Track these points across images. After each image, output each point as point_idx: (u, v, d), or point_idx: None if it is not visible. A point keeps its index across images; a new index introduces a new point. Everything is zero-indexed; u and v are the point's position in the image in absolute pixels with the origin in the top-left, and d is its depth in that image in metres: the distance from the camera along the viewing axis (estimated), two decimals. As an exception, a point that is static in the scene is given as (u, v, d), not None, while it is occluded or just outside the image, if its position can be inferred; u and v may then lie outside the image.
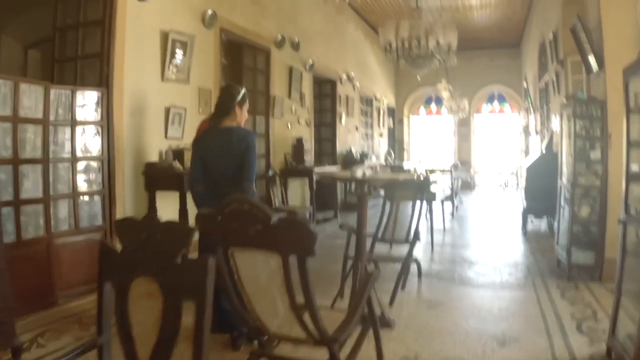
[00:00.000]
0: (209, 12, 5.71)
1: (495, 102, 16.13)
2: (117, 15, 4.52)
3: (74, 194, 4.34)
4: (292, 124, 8.31)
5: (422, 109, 16.92)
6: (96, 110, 4.46)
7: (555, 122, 6.84)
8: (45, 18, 5.00)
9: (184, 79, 5.39)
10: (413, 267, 4.95)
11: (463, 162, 14.52)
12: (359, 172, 3.43)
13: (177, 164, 5.00)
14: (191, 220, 5.03)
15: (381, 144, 14.44)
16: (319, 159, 10.56)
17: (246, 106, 3.38)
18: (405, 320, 3.79)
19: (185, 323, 1.58)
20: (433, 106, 16.52)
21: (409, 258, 4.35)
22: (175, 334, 1.59)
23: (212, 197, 3.15)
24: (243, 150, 3.19)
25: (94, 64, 4.59)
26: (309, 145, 8.63)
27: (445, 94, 11.53)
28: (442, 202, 8.62)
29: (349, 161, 10.98)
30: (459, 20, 11.49)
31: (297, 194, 8.42)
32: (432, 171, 9.50)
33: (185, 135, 5.39)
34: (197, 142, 3.42)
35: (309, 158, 8.53)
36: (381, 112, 14.32)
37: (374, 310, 2.53)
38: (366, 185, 3.50)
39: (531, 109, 10.91)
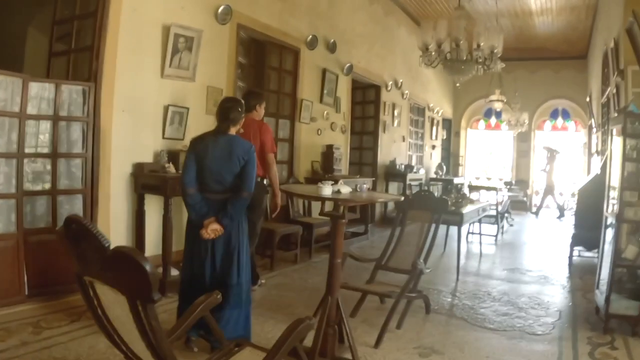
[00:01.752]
0: (222, 6, 5.36)
1: (559, 119, 14.77)
2: (111, 7, 4.27)
3: (54, 191, 4.13)
4: (324, 130, 7.83)
5: (481, 122, 15.85)
6: (82, 106, 4.24)
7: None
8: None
9: (189, 76, 5.08)
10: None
11: (520, 181, 13.39)
12: (326, 190, 2.89)
13: (170, 167, 4.70)
14: (177, 228, 4.74)
15: (433, 157, 13.63)
16: (359, 169, 10.03)
17: (241, 124, 3.51)
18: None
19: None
20: (493, 120, 15.41)
21: (401, 293, 3.74)
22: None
23: (204, 203, 3.22)
24: (245, 164, 3.22)
25: (87, 59, 4.37)
26: (342, 154, 8.11)
27: (498, 106, 10.59)
28: (476, 224, 7.79)
29: (391, 173, 10.34)
30: (518, 26, 10.60)
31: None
32: (475, 188, 8.65)
33: (187, 136, 5.05)
34: (194, 144, 3.33)
35: (341, 167, 8.01)
36: (435, 122, 13.51)
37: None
38: (339, 205, 2.97)
39: (594, 126, 9.78)
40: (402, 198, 3.24)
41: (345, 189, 3.03)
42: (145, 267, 1.43)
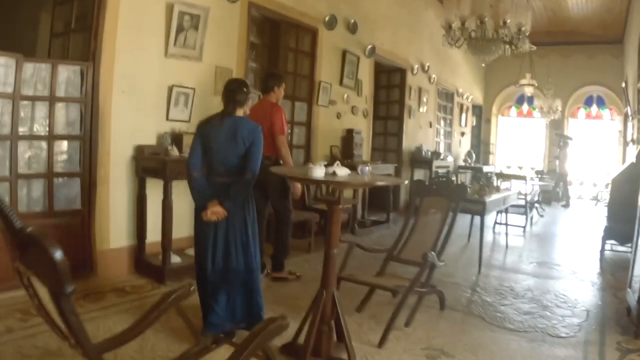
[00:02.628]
0: (231, -17, 5.11)
1: (594, 106, 13.96)
2: (110, -17, 4.07)
3: (50, 174, 4.00)
4: (344, 113, 7.52)
5: (513, 109, 15.18)
6: (80, 87, 4.08)
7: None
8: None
9: (195, 56, 4.86)
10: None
11: (553, 171, 12.73)
12: (318, 171, 2.60)
13: (173, 149, 4.50)
14: (179, 213, 4.56)
15: (462, 144, 13.11)
16: (383, 156, 9.68)
17: (249, 105, 3.41)
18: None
19: None
20: (525, 107, 14.71)
21: (409, 288, 3.44)
22: None
23: (209, 186, 3.17)
24: (250, 145, 3.14)
25: (87, 38, 4.19)
26: (362, 138, 7.79)
27: (529, 90, 10.02)
28: (503, 214, 7.35)
29: (417, 160, 9.95)
30: (551, 8, 9.96)
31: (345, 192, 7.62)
32: (503, 176, 8.18)
33: (193, 118, 4.86)
34: (200, 127, 3.28)
35: (361, 152, 7.70)
36: (464, 109, 12.97)
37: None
38: (332, 189, 2.70)
39: (629, 113, 9.14)
40: (406, 182, 2.94)
41: (342, 171, 2.75)
42: (52, 254, 1.21)
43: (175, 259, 4.40)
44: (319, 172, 2.58)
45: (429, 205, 4.19)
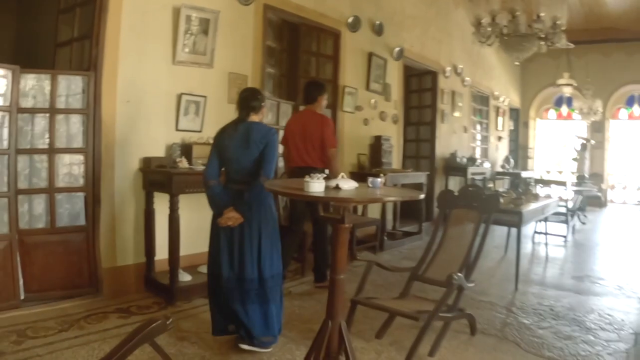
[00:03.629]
0: (242, -15, 4.86)
1: (636, 106, 13.04)
2: (111, -11, 3.88)
3: (51, 189, 3.83)
4: (372, 119, 7.16)
5: (551, 111, 14.41)
6: (82, 98, 3.90)
7: None
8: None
9: (206, 62, 4.63)
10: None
11: (594, 175, 11.95)
12: (315, 186, 2.26)
13: (182, 161, 4.27)
14: (189, 229, 4.33)
15: (499, 149, 12.50)
16: (416, 163, 9.27)
17: (263, 113, 3.37)
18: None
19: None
20: (564, 109, 13.91)
21: (433, 315, 3.06)
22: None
23: (225, 194, 3.16)
24: (263, 147, 3.09)
25: (88, 47, 4.02)
26: (392, 145, 7.40)
27: (567, 91, 9.40)
28: (542, 223, 6.82)
29: (451, 166, 9.46)
30: (587, 3, 9.31)
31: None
32: (542, 182, 7.64)
33: (206, 128, 4.64)
34: (216, 136, 3.28)
35: (391, 160, 7.31)
36: (500, 112, 12.37)
37: None
38: (330, 206, 2.37)
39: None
40: (422, 196, 2.57)
41: (347, 184, 2.41)
42: None
43: (185, 277, 4.16)
44: (316, 186, 2.25)
45: (457, 218, 3.79)
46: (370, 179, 2.70)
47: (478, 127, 11.31)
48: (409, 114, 9.38)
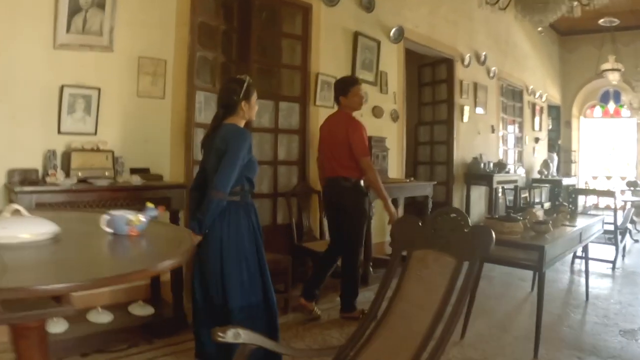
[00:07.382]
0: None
1: None
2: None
3: None
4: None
5: (597, 109, 12.58)
6: None
7: None
8: None
9: (103, 44, 3.51)
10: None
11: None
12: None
13: (56, 174, 3.15)
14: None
15: (536, 152, 10.85)
16: (430, 170, 7.90)
17: (254, 98, 2.86)
18: None
19: None
20: (611, 106, 12.04)
21: None
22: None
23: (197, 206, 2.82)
24: (222, 153, 2.66)
25: None
26: (387, 148, 6.02)
27: (613, 78, 7.79)
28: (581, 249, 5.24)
29: (474, 174, 7.98)
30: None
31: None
32: (581, 192, 6.11)
33: (102, 129, 3.54)
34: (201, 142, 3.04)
35: (386, 167, 5.94)
36: (537, 110, 10.72)
37: None
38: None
39: None
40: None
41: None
42: None
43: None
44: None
45: (419, 265, 2.35)
46: (111, 215, 1.49)
47: (509, 126, 9.75)
48: (421, 111, 8.06)
